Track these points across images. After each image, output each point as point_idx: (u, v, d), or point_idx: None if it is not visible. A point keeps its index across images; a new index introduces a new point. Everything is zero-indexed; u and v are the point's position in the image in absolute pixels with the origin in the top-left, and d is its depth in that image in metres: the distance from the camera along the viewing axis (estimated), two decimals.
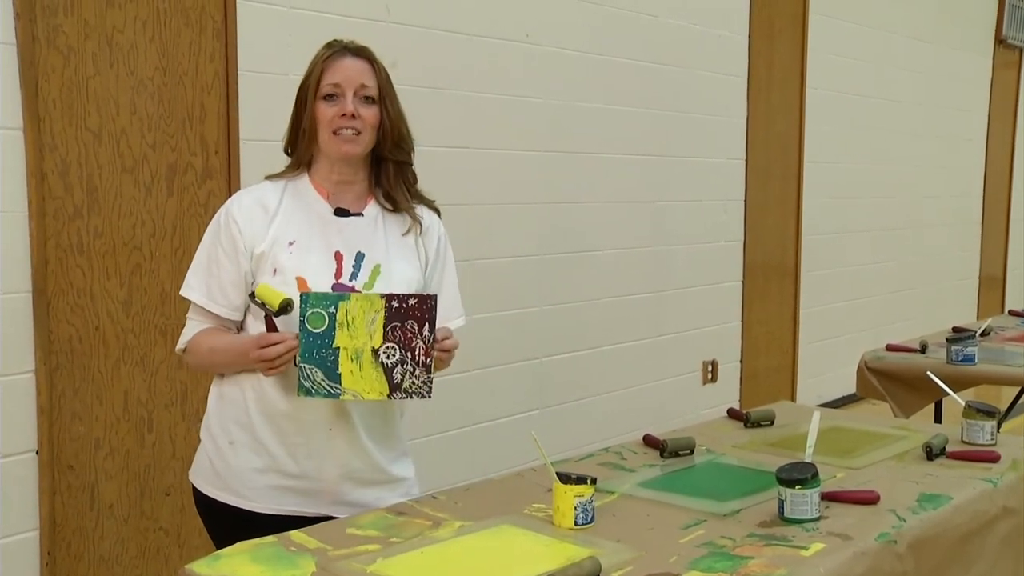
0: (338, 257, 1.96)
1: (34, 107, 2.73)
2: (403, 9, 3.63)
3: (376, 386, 1.86)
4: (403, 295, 1.88)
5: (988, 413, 2.36)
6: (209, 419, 2.04)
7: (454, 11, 3.82)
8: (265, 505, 1.96)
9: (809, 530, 1.78)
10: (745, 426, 2.56)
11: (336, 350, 1.83)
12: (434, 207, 2.11)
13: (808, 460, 1.94)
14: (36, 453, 2.80)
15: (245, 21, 3.16)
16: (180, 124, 3.05)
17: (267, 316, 1.86)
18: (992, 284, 8.27)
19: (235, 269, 1.95)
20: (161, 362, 3.03)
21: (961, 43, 7.42)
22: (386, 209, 2.03)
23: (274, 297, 1.86)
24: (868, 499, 1.92)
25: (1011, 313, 4.93)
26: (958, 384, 3.06)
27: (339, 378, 1.84)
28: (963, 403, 2.41)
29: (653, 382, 4.89)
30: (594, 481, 1.82)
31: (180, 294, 2.01)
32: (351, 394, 1.86)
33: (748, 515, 1.87)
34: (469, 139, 3.92)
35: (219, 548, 1.82)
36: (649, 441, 2.36)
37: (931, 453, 2.24)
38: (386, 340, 1.85)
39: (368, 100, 1.96)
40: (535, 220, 4.21)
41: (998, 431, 2.40)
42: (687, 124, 4.95)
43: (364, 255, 1.98)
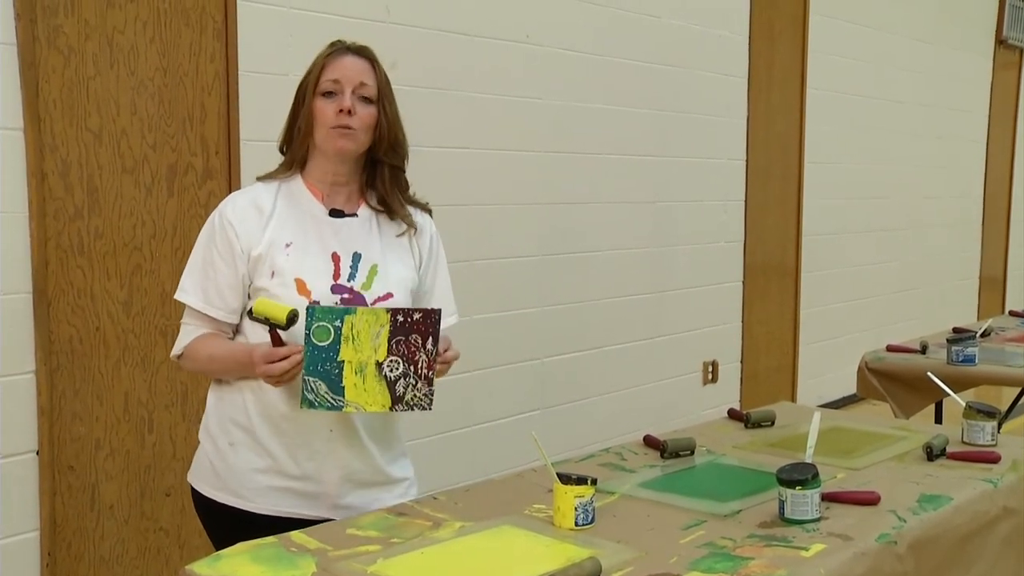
0: (335, 258, 1.96)
1: (35, 107, 2.73)
2: (403, 9, 3.63)
3: (379, 399, 1.86)
4: (409, 309, 1.88)
5: (988, 414, 2.36)
6: (208, 420, 2.04)
7: (454, 12, 3.82)
8: (264, 506, 1.96)
9: (809, 531, 1.78)
10: (745, 427, 2.56)
11: (340, 363, 1.83)
12: (426, 208, 2.11)
13: (808, 461, 1.94)
14: (36, 454, 2.80)
15: (245, 21, 3.17)
16: (180, 124, 3.05)
17: (272, 331, 1.84)
18: (992, 285, 8.27)
19: (232, 272, 1.94)
20: (161, 363, 3.03)
21: (961, 44, 7.42)
22: (378, 211, 2.03)
23: (278, 311, 1.84)
24: (868, 500, 1.92)
25: (1011, 314, 4.93)
26: (958, 385, 3.06)
27: (342, 391, 1.84)
28: (963, 404, 2.41)
29: (653, 382, 4.89)
30: (594, 482, 1.82)
31: (175, 298, 2.00)
32: (354, 407, 1.86)
33: (748, 516, 1.87)
34: (470, 140, 3.92)
35: (219, 550, 1.82)
36: (649, 442, 2.36)
37: (931, 454, 2.24)
38: (390, 354, 1.85)
39: (366, 100, 1.95)
40: (536, 220, 4.21)
41: (998, 432, 2.40)
42: (687, 124, 4.95)
43: (361, 255, 1.98)
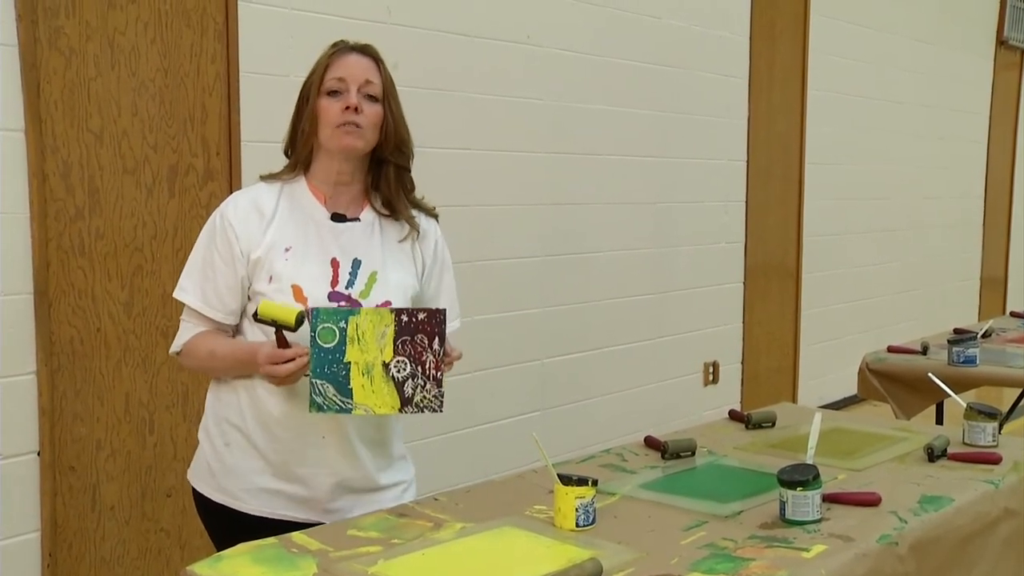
0: (334, 264, 1.94)
1: (36, 109, 2.74)
2: (404, 11, 3.63)
3: (388, 400, 1.84)
4: (412, 309, 1.87)
5: (989, 415, 2.36)
6: (207, 420, 2.03)
7: (455, 13, 3.82)
8: (257, 507, 1.96)
9: (810, 532, 1.78)
10: (746, 427, 2.55)
11: (347, 365, 1.82)
12: (433, 213, 2.09)
13: (809, 462, 1.93)
14: (37, 454, 2.80)
15: (246, 22, 3.17)
16: (181, 125, 3.05)
17: (278, 332, 1.83)
18: (993, 285, 8.26)
19: (232, 274, 1.93)
20: (162, 363, 3.03)
21: (962, 44, 7.42)
22: (382, 215, 2.01)
23: (286, 313, 1.82)
24: (869, 501, 1.92)
25: (1012, 314, 4.93)
26: (959, 386, 3.06)
27: (351, 393, 1.82)
28: (964, 405, 2.41)
29: (654, 383, 4.89)
30: (595, 483, 1.82)
31: (173, 296, 1.99)
32: (363, 409, 1.84)
33: (749, 517, 1.87)
34: (470, 140, 3.92)
35: (218, 548, 1.82)
36: (650, 442, 2.36)
37: (932, 455, 2.24)
38: (396, 354, 1.83)
39: (372, 98, 1.94)
40: (537, 221, 4.21)
41: (999, 433, 2.40)
42: (688, 125, 4.95)
43: (361, 262, 1.96)
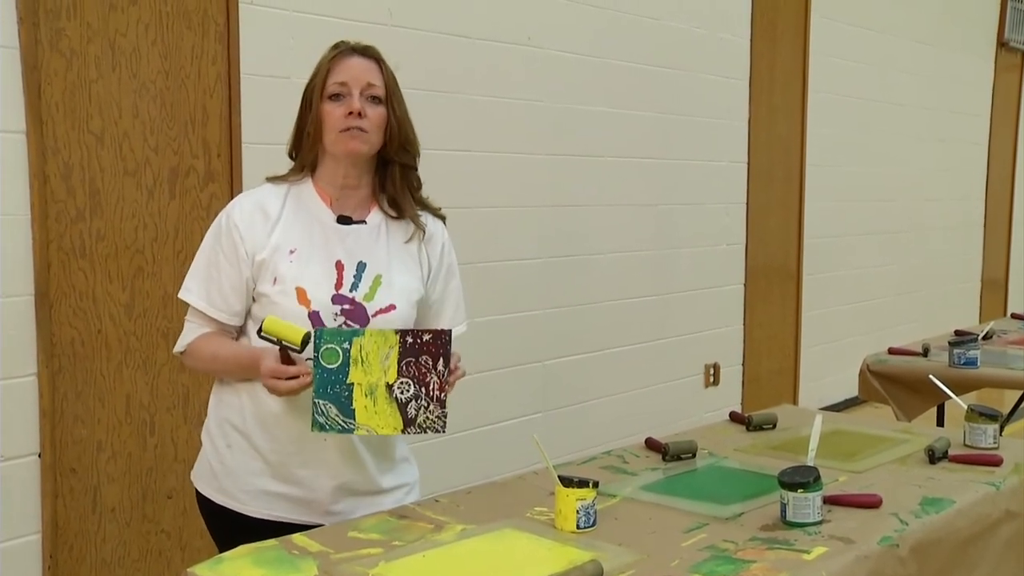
0: (339, 267, 1.94)
1: (37, 110, 2.74)
2: (405, 13, 3.63)
3: (390, 421, 1.84)
4: (418, 330, 1.86)
5: (990, 416, 2.36)
6: (209, 421, 2.04)
7: (456, 14, 3.83)
8: (258, 509, 1.96)
9: (811, 534, 1.78)
10: (747, 429, 2.55)
11: (350, 386, 1.82)
12: (439, 214, 2.08)
13: (810, 463, 1.93)
14: (38, 456, 2.80)
15: (247, 24, 3.17)
16: (182, 127, 3.05)
17: (283, 350, 1.83)
18: (994, 287, 8.26)
19: (236, 275, 1.93)
20: (163, 365, 3.03)
21: (963, 46, 7.42)
22: (390, 216, 2.01)
23: (292, 333, 1.81)
24: (870, 503, 1.92)
25: (1014, 316, 4.93)
26: (960, 387, 3.06)
27: (353, 413, 1.82)
28: (965, 406, 2.41)
29: (655, 385, 4.89)
30: (596, 484, 1.82)
31: (179, 296, 1.99)
32: (365, 429, 1.84)
33: (750, 518, 1.87)
34: (471, 142, 3.92)
35: (220, 550, 1.82)
36: (651, 444, 2.36)
37: (933, 457, 2.23)
38: (400, 375, 1.83)
39: (375, 100, 1.93)
40: (538, 223, 4.21)
41: (1000, 434, 2.40)
42: (689, 127, 4.95)
43: (365, 265, 1.95)
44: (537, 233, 4.22)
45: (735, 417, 2.66)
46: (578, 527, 1.78)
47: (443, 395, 1.85)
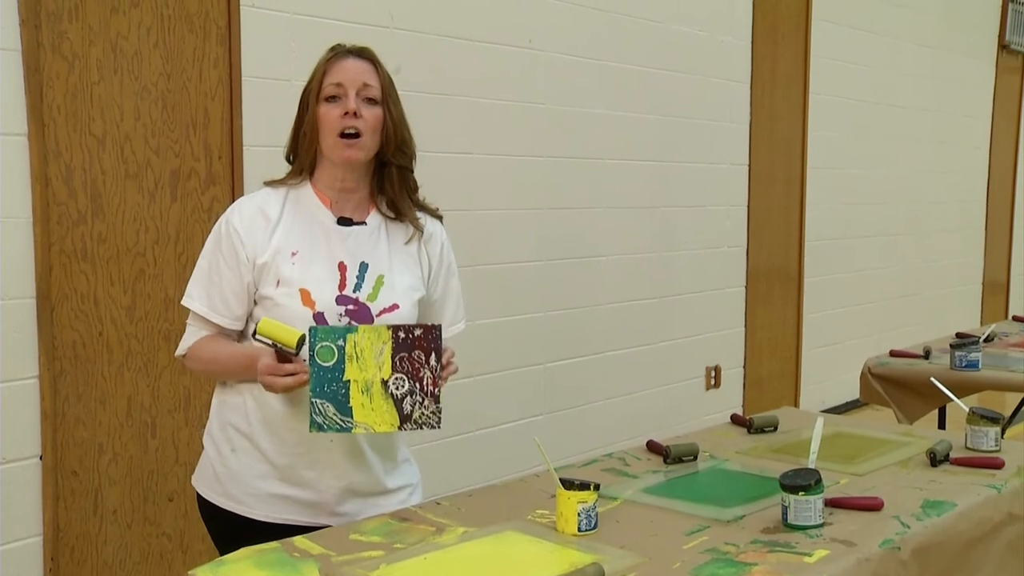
0: (342, 268, 1.94)
1: (39, 113, 2.74)
2: (406, 15, 3.64)
3: (387, 418, 1.84)
4: (409, 325, 1.86)
5: (992, 419, 2.36)
6: (212, 425, 2.04)
7: (457, 17, 3.83)
8: (264, 512, 1.96)
9: (813, 536, 1.78)
10: (748, 432, 2.55)
11: (347, 383, 1.82)
12: (437, 215, 2.09)
13: (811, 466, 1.93)
14: (40, 458, 2.80)
15: (249, 27, 3.17)
16: (184, 130, 3.05)
17: (278, 352, 1.82)
18: (996, 289, 8.26)
19: (237, 279, 1.93)
20: (164, 367, 3.03)
21: (964, 48, 7.42)
22: (388, 218, 2.02)
23: (288, 335, 1.82)
24: (872, 505, 1.92)
25: (1015, 319, 4.92)
26: (962, 390, 3.05)
27: (351, 411, 1.83)
28: (967, 409, 2.40)
29: (656, 388, 4.88)
30: (597, 487, 1.82)
31: (182, 304, 2.00)
32: (363, 427, 1.84)
33: (752, 521, 1.87)
34: (472, 145, 3.92)
35: (222, 553, 1.82)
36: (652, 447, 2.36)
37: (935, 459, 2.23)
38: (395, 371, 1.84)
39: (371, 101, 1.93)
40: (539, 225, 4.22)
41: (1002, 437, 2.39)
42: (690, 129, 4.95)
43: (368, 265, 1.96)
44: (538, 235, 4.22)
45: (736, 419, 2.65)
46: (579, 530, 1.78)
47: (437, 390, 1.86)
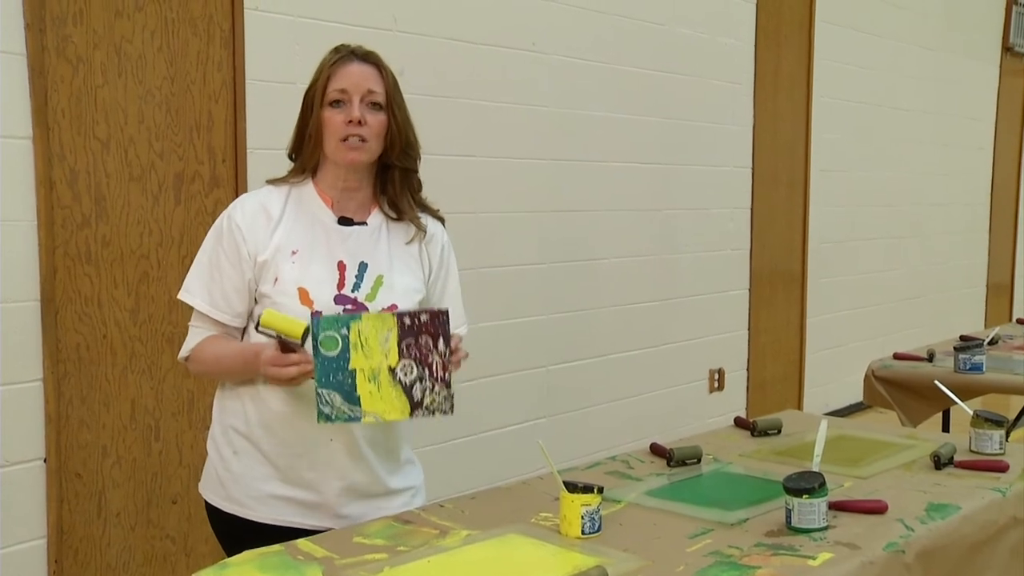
0: (341, 267, 1.95)
1: (43, 116, 2.75)
2: (410, 18, 3.64)
3: (397, 405, 1.82)
4: (414, 311, 1.85)
5: (996, 422, 2.36)
6: (214, 429, 2.04)
7: (460, 20, 3.83)
8: (267, 515, 1.96)
9: (817, 540, 1.78)
10: (752, 435, 2.55)
11: (352, 372, 1.80)
12: (439, 216, 2.09)
13: (815, 469, 1.93)
14: (44, 461, 2.81)
15: (252, 30, 3.18)
16: (188, 133, 3.06)
17: (282, 343, 1.82)
18: (1000, 292, 8.25)
19: (238, 276, 1.93)
20: (168, 370, 3.04)
21: (968, 51, 7.41)
22: (390, 218, 2.02)
23: (292, 326, 1.81)
24: (876, 508, 1.92)
25: (1019, 321, 4.92)
26: (966, 393, 3.05)
27: (358, 400, 1.80)
28: (971, 412, 2.40)
29: (660, 390, 4.88)
30: (601, 490, 1.82)
31: (179, 298, 1.99)
32: (372, 416, 1.81)
33: (755, 524, 1.86)
34: (475, 147, 3.93)
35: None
36: (656, 450, 2.36)
37: (939, 462, 2.23)
38: (402, 357, 1.81)
39: (375, 106, 1.94)
40: (542, 228, 4.22)
41: (1006, 440, 2.39)
42: (693, 132, 4.95)
43: (367, 265, 1.96)
44: (541, 238, 4.22)
45: (740, 422, 2.65)
46: (583, 533, 1.78)
47: (447, 375, 1.83)
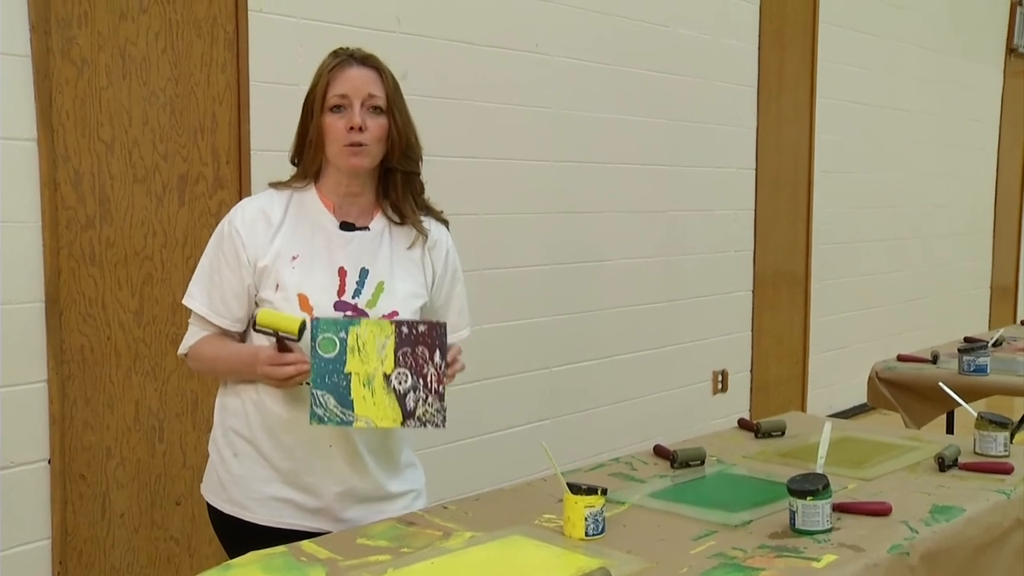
0: (341, 273, 1.94)
1: (48, 118, 2.75)
2: (413, 20, 3.64)
3: (389, 413, 1.83)
4: (413, 321, 1.85)
5: (1001, 424, 2.35)
6: (215, 431, 2.04)
7: (464, 21, 3.83)
8: (267, 517, 1.96)
9: (820, 542, 1.78)
10: (756, 436, 2.55)
11: (348, 376, 1.81)
12: (442, 219, 2.08)
13: (819, 471, 1.93)
14: (48, 462, 2.81)
15: (256, 32, 3.18)
16: (192, 134, 3.06)
17: (279, 340, 1.82)
18: (1004, 294, 8.23)
19: (238, 281, 1.93)
20: (172, 372, 3.04)
21: (972, 52, 7.41)
22: (393, 222, 2.01)
23: (288, 322, 1.82)
24: (880, 510, 1.91)
25: (1023, 323, 4.91)
26: (970, 395, 3.04)
27: (352, 404, 1.81)
28: (975, 414, 2.40)
29: (663, 392, 4.88)
30: (604, 491, 1.82)
31: (182, 302, 2.00)
32: (364, 421, 1.82)
33: (759, 526, 1.86)
34: (479, 149, 3.93)
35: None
36: (659, 451, 2.36)
37: (943, 464, 2.23)
38: (398, 366, 1.82)
39: (376, 110, 1.93)
40: (545, 230, 4.22)
41: (1011, 442, 2.39)
42: (697, 133, 4.95)
43: (368, 271, 1.96)
44: (544, 240, 4.22)
45: (743, 424, 2.65)
46: (587, 534, 1.78)
47: (441, 388, 1.84)
